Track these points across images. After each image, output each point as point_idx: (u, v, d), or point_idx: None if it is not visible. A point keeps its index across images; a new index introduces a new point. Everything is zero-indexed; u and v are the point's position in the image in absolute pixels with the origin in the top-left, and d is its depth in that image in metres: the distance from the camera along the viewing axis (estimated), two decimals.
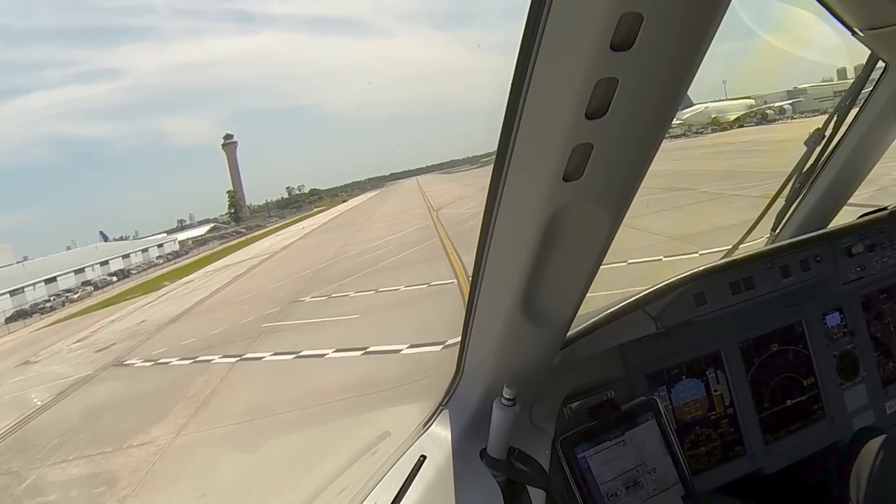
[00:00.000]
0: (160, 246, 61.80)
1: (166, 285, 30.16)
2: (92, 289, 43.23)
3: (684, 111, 38.90)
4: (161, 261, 54.90)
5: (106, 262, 50.88)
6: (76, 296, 41.05)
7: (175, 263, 49.90)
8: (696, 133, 40.21)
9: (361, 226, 33.89)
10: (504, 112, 0.70)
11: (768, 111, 38.39)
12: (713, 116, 40.23)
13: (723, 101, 42.29)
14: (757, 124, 36.88)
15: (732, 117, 39.48)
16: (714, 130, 39.17)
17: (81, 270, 47.44)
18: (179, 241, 65.23)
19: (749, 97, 40.89)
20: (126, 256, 54.43)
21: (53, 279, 44.43)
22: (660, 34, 0.57)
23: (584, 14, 0.56)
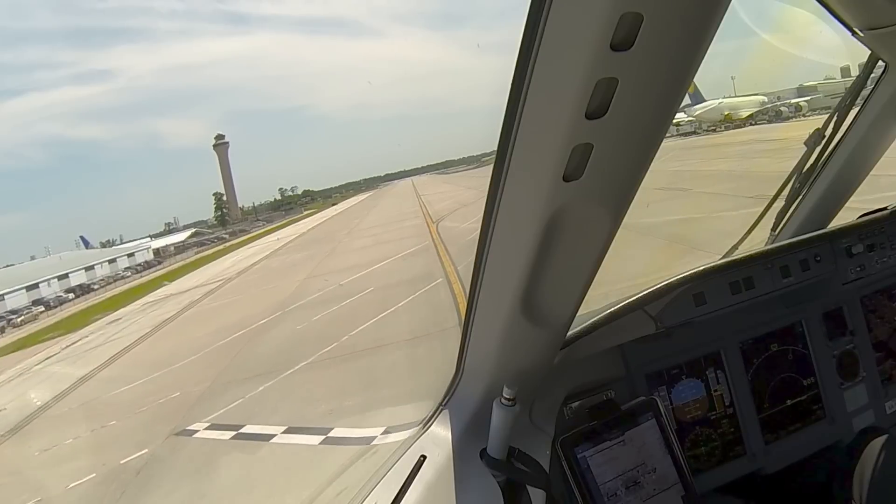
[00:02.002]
0: (131, 255, 52.12)
1: (96, 320, 23.69)
2: (42, 309, 34.93)
3: (695, 107, 37.89)
4: (129, 273, 46.44)
5: (65, 276, 41.72)
6: (20, 318, 32.85)
7: (141, 277, 42.63)
8: (708, 130, 38.40)
9: (341, 241, 25.77)
10: (504, 112, 0.70)
11: (782, 108, 36.44)
12: (725, 113, 38.38)
13: (734, 97, 40.39)
14: (770, 121, 35.19)
15: (745, 114, 37.76)
16: (727, 128, 37.17)
17: (35, 286, 38.74)
18: (154, 250, 56.10)
19: (757, 94, 39.24)
20: (90, 268, 45.04)
21: (1, 298, 35.71)
22: (660, 34, 0.57)
23: (584, 14, 0.56)
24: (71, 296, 38.21)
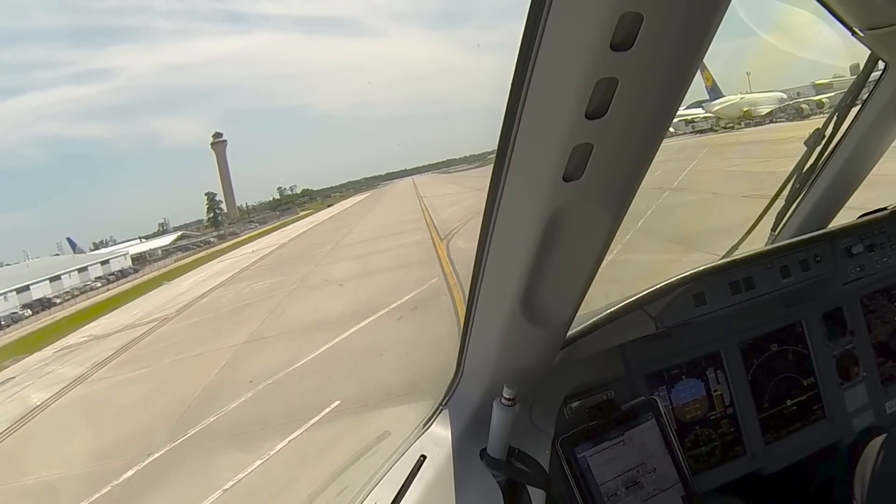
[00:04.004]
0: (105, 263, 44.62)
1: (5, 367, 18.04)
2: None
3: (713, 102, 36.45)
4: (100, 284, 39.72)
5: (26, 289, 34.64)
6: None
7: (109, 290, 36.76)
8: (727, 128, 36.22)
9: (319, 264, 19.03)
10: (504, 112, 0.70)
11: (804, 105, 34.27)
12: (744, 109, 36.38)
13: (752, 93, 37.90)
14: (790, 119, 33.22)
15: (765, 111, 35.92)
16: (747, 125, 35.02)
17: None
18: (132, 256, 48.64)
19: (774, 90, 37.00)
20: (56, 279, 38.04)
21: None
22: (660, 34, 0.57)
23: (584, 14, 0.56)
24: (28, 312, 31.86)
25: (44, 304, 33.84)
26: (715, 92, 36.62)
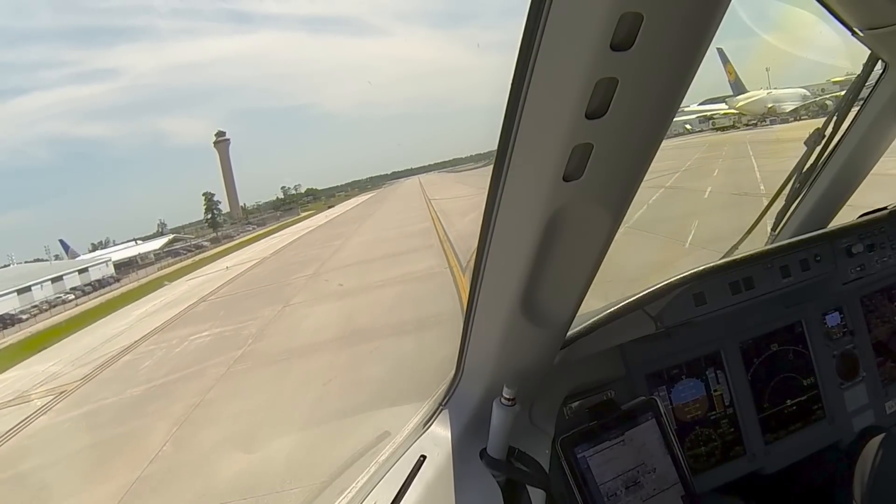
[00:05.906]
0: (83, 271, 39.48)
1: None
2: None
3: (737, 98, 35.59)
4: (73, 296, 34.68)
5: None
6: None
7: (77, 305, 32.03)
8: (748, 125, 35.24)
9: (290, 303, 13.20)
10: (504, 112, 0.70)
11: (828, 102, 32.93)
12: (769, 106, 35.57)
13: (776, 89, 37.11)
14: (812, 116, 32.01)
15: (790, 107, 35.16)
16: (772, 122, 34.12)
17: None
18: (116, 263, 43.45)
19: (797, 87, 36.23)
20: (25, 291, 32.88)
21: None
22: (660, 34, 0.57)
23: (584, 14, 0.56)
24: None
25: (6, 322, 28.57)
26: (738, 87, 35.72)
